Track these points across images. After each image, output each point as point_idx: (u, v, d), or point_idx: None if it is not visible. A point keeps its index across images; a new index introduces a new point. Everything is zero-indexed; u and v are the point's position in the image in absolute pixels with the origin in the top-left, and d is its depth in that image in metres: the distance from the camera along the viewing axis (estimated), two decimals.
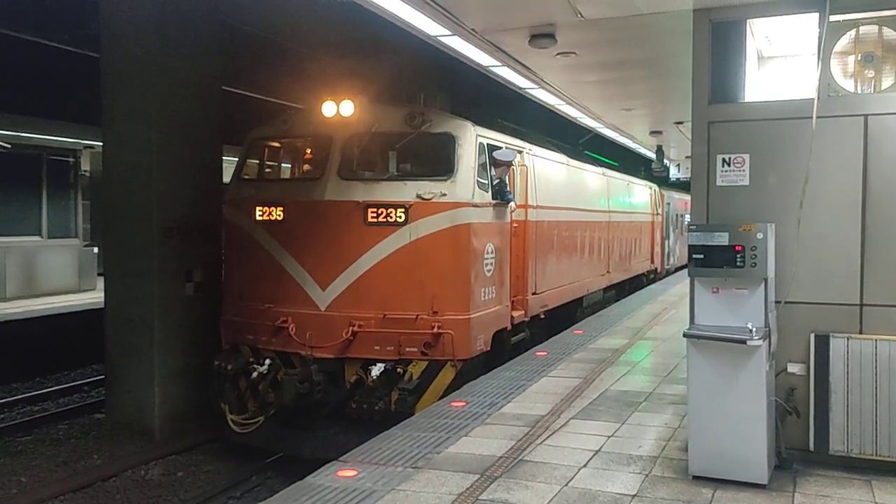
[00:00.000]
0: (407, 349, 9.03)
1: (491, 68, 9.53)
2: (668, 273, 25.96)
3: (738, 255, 5.43)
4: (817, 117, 5.67)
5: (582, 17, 6.99)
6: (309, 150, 10.68)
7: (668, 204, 26.54)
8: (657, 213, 24.30)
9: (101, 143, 12.15)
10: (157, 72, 11.24)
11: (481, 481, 5.56)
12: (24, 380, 14.46)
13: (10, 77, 14.90)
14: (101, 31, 11.85)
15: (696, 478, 5.54)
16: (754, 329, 5.32)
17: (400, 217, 9.10)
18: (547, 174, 12.94)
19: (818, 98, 5.75)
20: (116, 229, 11.75)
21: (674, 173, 25.20)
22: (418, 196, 9.12)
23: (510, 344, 10.76)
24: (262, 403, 9.59)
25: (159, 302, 11.31)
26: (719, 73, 6.19)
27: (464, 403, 7.83)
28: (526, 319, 11.41)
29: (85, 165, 19.98)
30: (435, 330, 9.00)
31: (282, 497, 5.37)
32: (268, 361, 9.51)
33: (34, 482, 9.56)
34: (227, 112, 12.86)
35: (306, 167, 10.81)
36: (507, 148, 10.79)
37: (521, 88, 11.07)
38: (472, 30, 7.61)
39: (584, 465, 5.91)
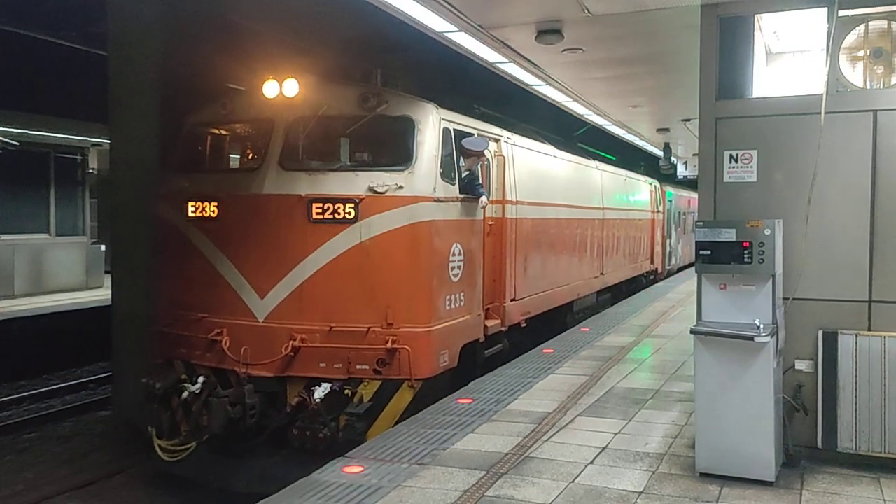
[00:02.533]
0: (357, 367, 7.79)
1: (497, 65, 9.50)
2: (670, 274, 24.98)
3: (746, 252, 5.41)
4: (826, 113, 5.65)
5: (589, 12, 6.97)
6: (248, 137, 9.40)
7: (670, 201, 25.41)
8: (657, 211, 23.11)
9: (108, 141, 12.16)
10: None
11: (487, 478, 5.55)
12: (31, 377, 14.52)
13: (17, 75, 14.96)
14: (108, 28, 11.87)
15: (703, 475, 5.52)
16: (762, 325, 5.29)
17: (349, 213, 7.88)
18: (529, 166, 11.67)
19: (827, 93, 5.72)
20: (124, 227, 11.77)
21: (681, 171, 24.84)
22: (370, 189, 7.89)
23: (483, 358, 9.58)
24: (194, 427, 8.17)
25: None
26: (727, 69, 6.16)
27: (470, 400, 7.82)
28: (503, 329, 10.20)
29: (92, 163, 20.05)
30: (389, 345, 7.72)
31: (287, 493, 5.37)
32: (201, 379, 8.21)
33: (40, 479, 9.59)
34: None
35: (244, 156, 9.62)
36: (479, 135, 9.56)
37: (527, 85, 11.05)
38: (479, 26, 7.60)
39: (591, 462, 5.89)
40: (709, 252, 5.54)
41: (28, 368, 14.45)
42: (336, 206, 7.91)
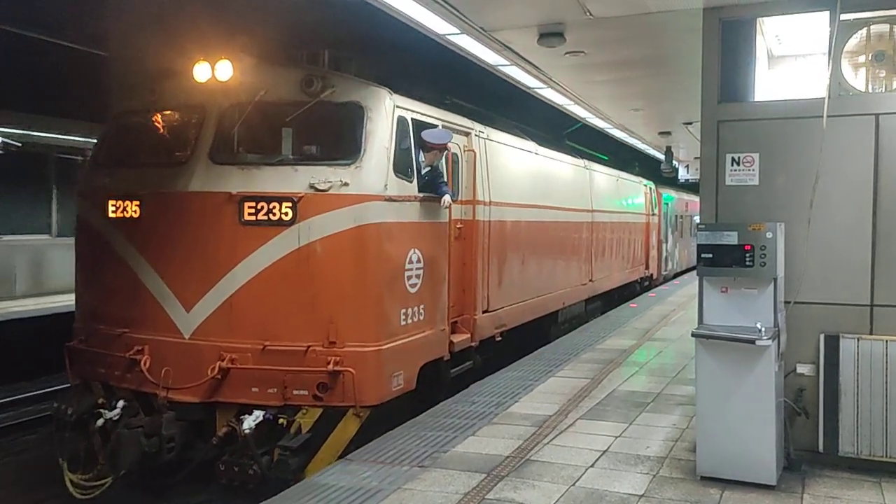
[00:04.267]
0: (294, 392, 6.81)
1: (499, 67, 9.50)
2: (666, 279, 24.05)
3: (748, 255, 5.41)
4: (828, 116, 5.64)
5: (591, 15, 6.97)
6: (178, 126, 8.14)
7: (667, 203, 24.49)
8: (653, 214, 22.13)
9: None
10: None
11: (488, 480, 5.54)
12: (30, 378, 14.49)
13: (17, 75, 14.95)
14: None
15: (704, 478, 5.51)
16: (763, 329, 5.29)
17: (286, 214, 6.94)
18: (506, 164, 10.70)
19: (829, 97, 5.72)
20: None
21: (682, 174, 24.72)
22: (311, 186, 6.94)
23: (449, 378, 8.61)
24: (111, 459, 7.06)
25: None
26: (729, 72, 6.16)
27: (471, 403, 7.80)
28: (473, 344, 9.21)
29: None
30: (332, 367, 6.75)
31: (287, 495, 5.36)
32: (121, 404, 7.21)
33: (37, 480, 9.54)
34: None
35: (173, 148, 8.37)
36: (443, 127, 8.59)
37: (529, 88, 11.03)
38: (481, 28, 7.59)
39: (592, 465, 5.88)
40: (710, 255, 5.54)
41: (27, 370, 14.42)
42: (271, 206, 6.97)
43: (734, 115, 6.08)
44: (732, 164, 6.02)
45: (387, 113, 7.49)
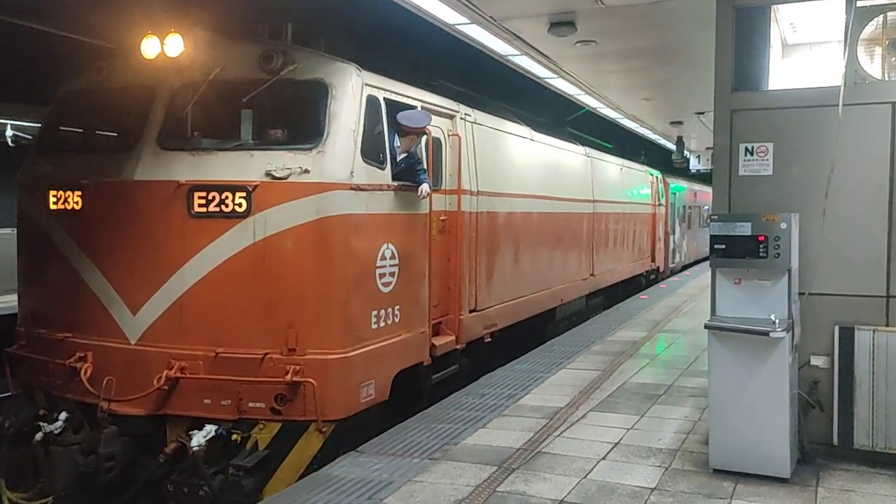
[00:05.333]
0: (250, 405, 6.19)
1: (509, 57, 9.44)
2: (674, 272, 23.11)
3: (761, 246, 5.34)
4: (844, 105, 5.56)
5: (602, 4, 6.90)
6: (126, 108, 7.32)
7: (674, 193, 23.45)
8: (659, 204, 21.17)
9: None
10: None
11: (499, 473, 5.52)
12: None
13: (27, 68, 14.80)
14: None
15: (716, 471, 5.47)
16: (777, 321, 5.23)
17: (239, 205, 6.29)
18: (497, 150, 9.94)
19: (844, 85, 5.63)
20: None
21: (694, 164, 24.48)
22: (268, 174, 6.30)
23: (430, 385, 7.96)
24: (52, 477, 6.40)
25: None
26: (743, 61, 6.09)
27: (481, 395, 7.78)
28: (458, 347, 8.54)
29: None
30: (291, 377, 6.11)
31: (298, 488, 5.36)
32: (63, 415, 6.59)
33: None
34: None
35: (120, 133, 7.74)
36: (422, 108, 7.83)
37: (539, 78, 10.98)
38: (491, 17, 7.54)
39: (603, 458, 5.85)
40: (724, 246, 5.48)
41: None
42: (223, 196, 6.32)
43: (748, 104, 6.01)
44: (746, 154, 5.94)
45: (354, 92, 6.74)
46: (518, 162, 10.80)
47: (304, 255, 6.33)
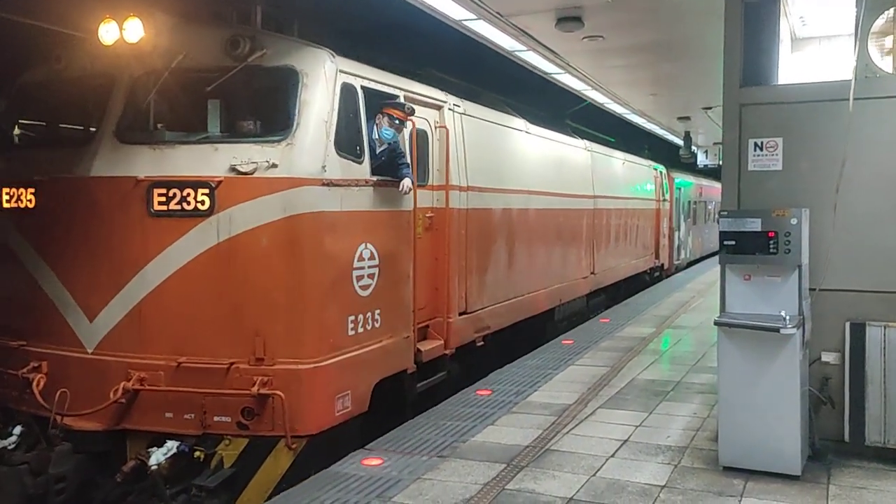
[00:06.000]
0: (215, 419, 5.79)
1: (516, 53, 9.41)
2: (679, 269, 22.36)
3: (771, 242, 5.31)
4: (854, 99, 5.50)
5: None
6: (84, 99, 6.90)
7: (679, 189, 22.82)
8: (664, 199, 20.59)
9: None
10: None
11: (508, 470, 5.50)
12: None
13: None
14: None
15: (726, 468, 5.44)
16: (788, 317, 5.19)
17: (202, 203, 5.87)
18: (489, 143, 9.42)
19: (855, 79, 5.58)
20: None
21: (701, 160, 24.35)
22: (233, 168, 5.87)
23: (416, 393, 7.50)
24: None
25: None
26: (752, 55, 6.04)
27: (489, 392, 7.77)
28: (447, 352, 8.09)
29: None
30: (259, 388, 5.69)
31: (307, 485, 5.35)
32: (18, 429, 6.19)
33: None
34: None
35: (78, 125, 7.33)
36: (406, 98, 7.37)
37: (547, 73, 10.95)
38: (498, 13, 7.52)
39: (612, 455, 5.83)
40: (733, 242, 5.44)
41: None
42: (185, 193, 5.89)
43: (757, 98, 5.96)
44: (755, 149, 5.90)
45: (327, 79, 6.25)
46: (512, 156, 10.31)
47: (273, 256, 5.91)
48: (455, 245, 8.32)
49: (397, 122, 6.95)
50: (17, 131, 7.36)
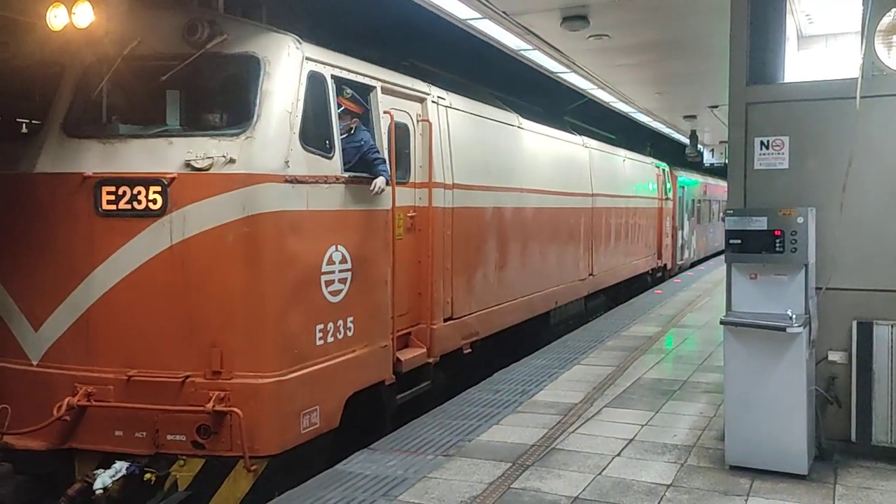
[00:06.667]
0: (168, 438, 5.37)
1: (522, 52, 9.41)
2: (682, 269, 21.93)
3: (778, 240, 5.29)
4: (861, 97, 5.49)
5: None
6: (34, 89, 6.51)
7: (683, 187, 22.38)
8: (666, 198, 20.16)
9: None
10: None
11: (513, 470, 5.50)
12: None
13: None
14: None
15: (732, 467, 5.42)
16: (794, 316, 5.17)
17: (154, 201, 5.44)
18: (477, 138, 8.94)
19: (862, 77, 5.56)
20: None
21: (707, 158, 24.24)
22: (187, 164, 5.44)
23: (395, 406, 7.05)
24: None
25: None
26: (758, 53, 6.02)
27: (495, 391, 7.76)
28: (431, 361, 7.63)
29: None
30: (215, 405, 5.27)
31: (313, 484, 5.36)
32: None
33: None
34: None
35: (21, 118, 6.91)
36: (384, 89, 6.99)
37: (552, 73, 10.94)
38: (503, 12, 7.51)
39: (618, 454, 5.82)
40: (739, 241, 5.43)
41: None
42: (135, 191, 5.46)
43: (763, 97, 5.94)
44: (761, 148, 5.88)
45: (291, 67, 5.81)
46: (504, 152, 9.78)
47: (231, 259, 5.45)
48: (439, 246, 7.86)
49: (350, 114, 6.41)
50: None
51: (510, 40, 8.76)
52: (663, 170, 20.11)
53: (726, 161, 6.72)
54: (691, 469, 5.49)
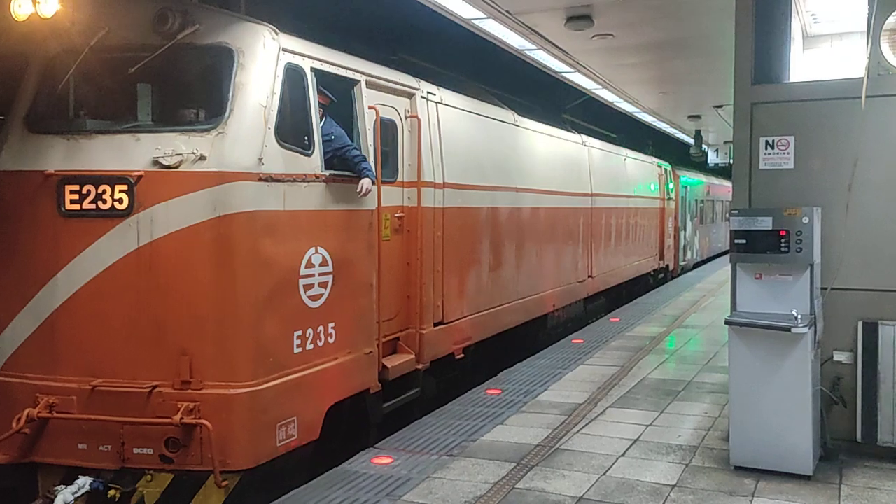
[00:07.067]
0: (135, 451, 5.11)
1: (526, 52, 9.40)
2: (685, 271, 21.68)
3: (783, 240, 5.28)
4: (867, 97, 5.47)
5: None
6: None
7: (686, 187, 22.06)
8: (668, 198, 19.81)
9: None
10: None
11: (517, 470, 5.50)
12: None
13: None
14: None
15: (737, 468, 5.41)
16: (799, 316, 5.16)
17: (120, 201, 5.16)
18: (469, 135, 8.65)
19: (868, 77, 5.54)
20: None
21: (712, 158, 24.17)
22: (155, 161, 5.17)
23: (381, 415, 6.77)
24: None
25: None
26: (763, 53, 6.00)
27: (499, 391, 7.76)
28: (420, 367, 7.37)
29: None
30: (184, 416, 5.01)
31: (317, 484, 5.36)
32: None
33: None
34: None
35: None
36: (369, 83, 6.69)
37: (556, 72, 10.93)
38: (507, 12, 7.50)
39: (623, 455, 5.81)
40: (744, 241, 5.42)
41: None
42: (100, 190, 5.17)
43: (769, 96, 5.93)
44: (766, 148, 5.87)
45: (267, 59, 5.53)
46: (498, 150, 9.45)
47: (201, 262, 5.17)
48: (429, 248, 7.54)
49: (321, 106, 6.07)
50: None
51: (514, 40, 8.75)
52: (665, 169, 19.84)
53: (731, 161, 6.70)
54: (696, 469, 5.48)
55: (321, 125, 6.02)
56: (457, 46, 9.34)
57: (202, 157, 5.16)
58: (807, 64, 7.14)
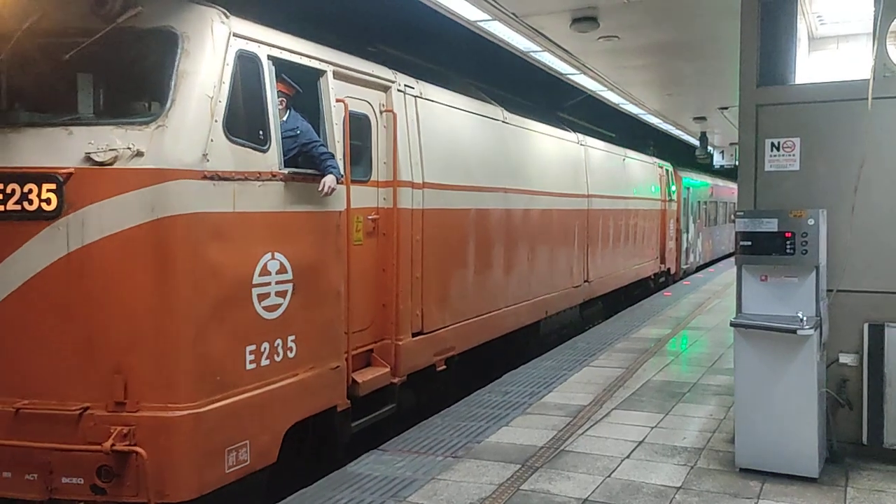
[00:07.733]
0: (64, 481, 4.64)
1: (531, 53, 9.40)
2: (687, 274, 21.20)
3: (788, 242, 5.27)
4: (873, 98, 5.46)
5: None
6: None
7: (688, 188, 21.56)
8: (670, 199, 19.25)
9: None
10: None
11: (522, 471, 5.50)
12: None
13: None
14: None
15: (743, 470, 5.40)
16: (805, 318, 5.15)
17: (48, 201, 4.67)
18: (452, 132, 8.14)
19: (874, 78, 5.53)
20: None
21: (717, 160, 24.09)
22: (87, 157, 4.68)
23: (349, 435, 6.26)
24: None
25: None
26: (768, 55, 6.00)
27: (504, 393, 7.76)
28: (395, 381, 6.87)
29: None
30: (118, 442, 4.53)
31: (322, 485, 5.37)
32: None
33: None
34: None
35: None
36: (337, 73, 6.18)
37: (562, 74, 10.93)
38: (513, 14, 7.51)
39: (627, 456, 5.81)
40: (750, 243, 5.41)
41: None
42: (26, 189, 4.68)
43: (774, 98, 5.92)
44: (772, 150, 5.87)
45: (215, 44, 5.02)
46: (485, 149, 8.92)
47: (137, 270, 4.67)
48: (406, 253, 7.05)
49: (280, 95, 5.57)
50: None
51: (520, 42, 8.76)
52: (667, 170, 19.24)
53: (736, 163, 6.69)
54: (701, 471, 5.47)
55: (285, 119, 5.60)
56: (451, 43, 9.03)
57: (139, 153, 4.67)
58: (813, 66, 7.13)
